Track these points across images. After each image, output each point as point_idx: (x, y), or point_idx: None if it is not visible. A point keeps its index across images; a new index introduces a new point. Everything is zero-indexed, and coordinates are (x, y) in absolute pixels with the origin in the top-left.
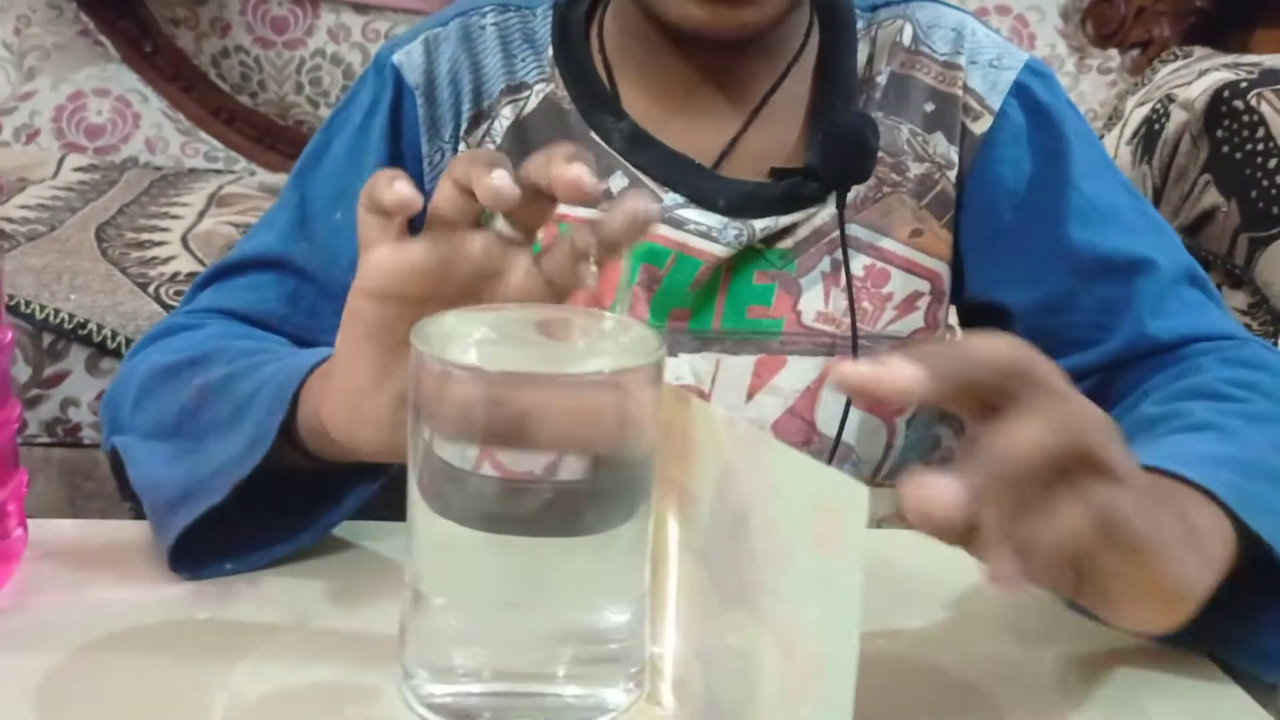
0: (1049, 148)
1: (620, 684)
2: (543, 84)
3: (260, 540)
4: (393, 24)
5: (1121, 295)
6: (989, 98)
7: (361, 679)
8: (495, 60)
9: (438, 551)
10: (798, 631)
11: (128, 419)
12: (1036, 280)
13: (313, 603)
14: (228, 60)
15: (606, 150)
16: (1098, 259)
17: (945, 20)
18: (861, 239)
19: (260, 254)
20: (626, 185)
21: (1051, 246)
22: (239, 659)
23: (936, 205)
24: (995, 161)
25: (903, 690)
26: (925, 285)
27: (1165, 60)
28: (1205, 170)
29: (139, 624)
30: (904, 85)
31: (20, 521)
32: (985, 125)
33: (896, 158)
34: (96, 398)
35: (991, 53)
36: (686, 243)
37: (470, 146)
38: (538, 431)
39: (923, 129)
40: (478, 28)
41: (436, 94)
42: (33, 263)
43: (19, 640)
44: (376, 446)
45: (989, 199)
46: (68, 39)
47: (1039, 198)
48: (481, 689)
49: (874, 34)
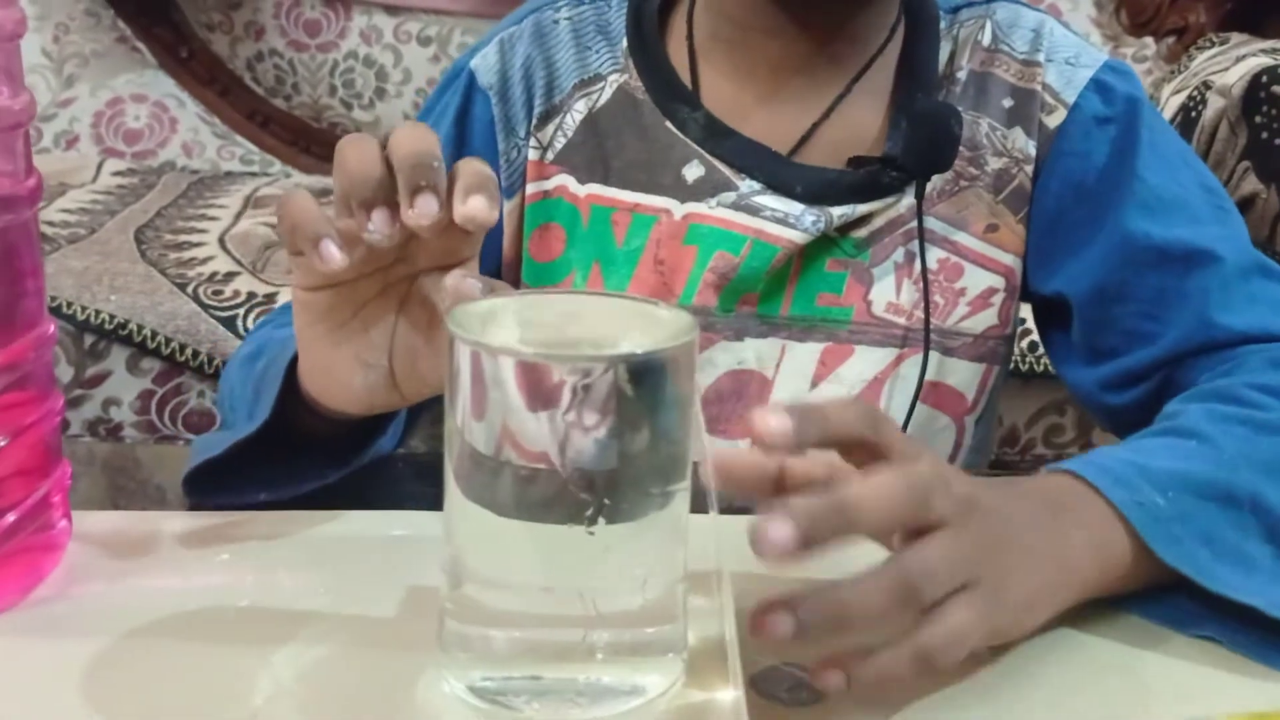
0: (1120, 140)
1: (658, 668)
2: (617, 74)
3: (294, 477)
4: (424, 25)
5: (1177, 286)
6: (1064, 92)
7: (400, 663)
8: (568, 55)
9: (474, 537)
10: None
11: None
12: (1093, 269)
13: (351, 589)
14: (262, 64)
15: (682, 139)
16: (1153, 248)
17: (1025, 20)
18: (937, 232)
19: None
20: (702, 174)
21: (1109, 234)
22: (279, 644)
23: (1013, 200)
24: (1066, 154)
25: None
26: (1000, 281)
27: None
28: (1244, 157)
29: (180, 611)
30: (983, 81)
31: (64, 513)
32: (1059, 119)
33: (975, 151)
34: (137, 397)
35: (1070, 51)
36: (763, 229)
37: (540, 143)
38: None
39: (1002, 124)
40: (550, 22)
41: (510, 92)
42: (74, 265)
43: (64, 628)
44: (353, 406)
45: (1057, 189)
46: (105, 46)
47: (1103, 187)
48: (519, 672)
49: (956, 33)
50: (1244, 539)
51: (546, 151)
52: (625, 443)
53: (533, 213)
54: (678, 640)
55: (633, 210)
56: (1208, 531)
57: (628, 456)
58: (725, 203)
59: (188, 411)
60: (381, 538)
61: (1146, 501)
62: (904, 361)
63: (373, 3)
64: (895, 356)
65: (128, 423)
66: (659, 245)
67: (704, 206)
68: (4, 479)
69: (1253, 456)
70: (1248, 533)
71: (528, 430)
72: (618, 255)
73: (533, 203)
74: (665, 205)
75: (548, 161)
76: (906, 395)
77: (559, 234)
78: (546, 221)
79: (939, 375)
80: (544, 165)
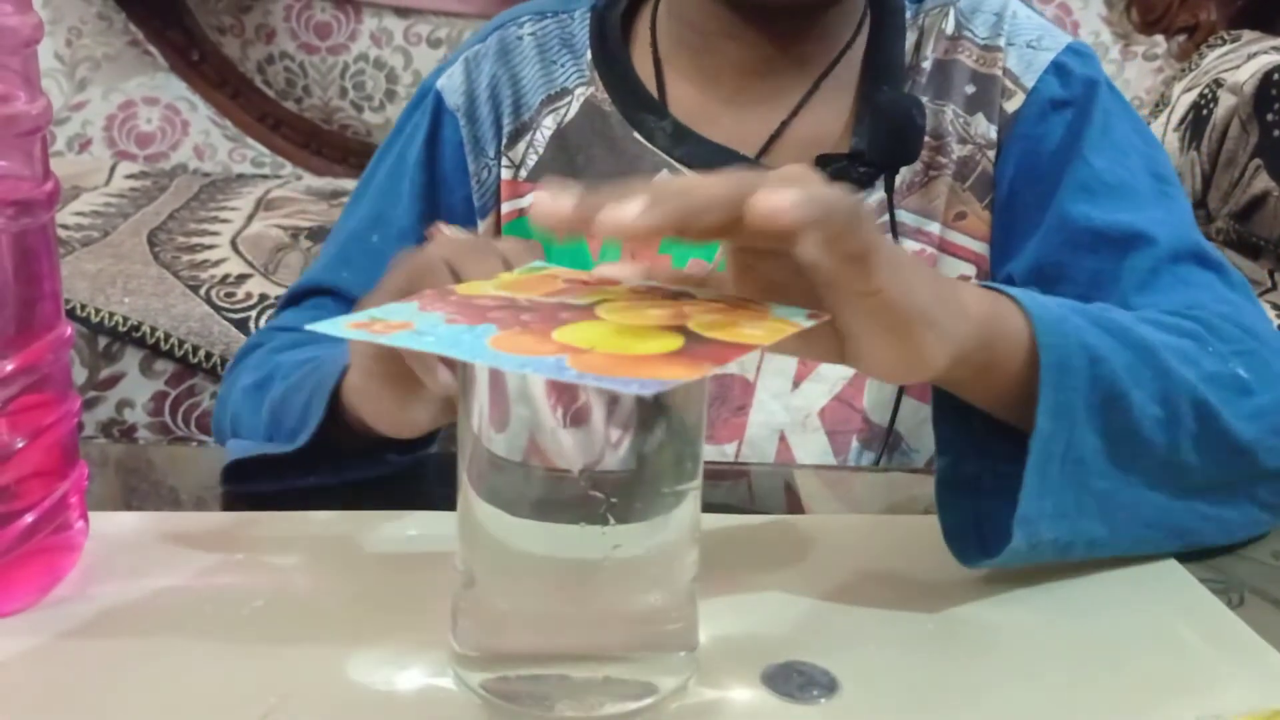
0: (1073, 123)
1: (670, 666)
2: (583, 88)
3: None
4: (434, 27)
5: (1112, 270)
6: (1024, 77)
7: (414, 663)
8: (534, 70)
9: (488, 538)
10: None
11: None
12: (1033, 249)
13: (365, 589)
14: (273, 67)
15: (650, 149)
16: (1091, 230)
17: (987, 4)
18: (909, 224)
19: (315, 284)
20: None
21: (1051, 216)
22: (293, 644)
23: (978, 187)
24: (1020, 138)
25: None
26: (971, 269)
27: (1212, 45)
28: (1256, 155)
29: (196, 611)
30: (946, 69)
31: (82, 514)
32: (1018, 103)
33: (940, 140)
34: (150, 398)
35: (1032, 34)
36: None
37: (513, 161)
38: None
39: (965, 111)
40: (515, 39)
41: (477, 112)
42: (87, 268)
43: (81, 628)
44: (410, 433)
45: (1012, 175)
46: (117, 49)
47: (1051, 169)
48: (533, 671)
49: (921, 22)
50: (1128, 381)
51: (519, 170)
52: (641, 444)
53: (509, 231)
54: (690, 638)
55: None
56: (1092, 352)
57: (643, 457)
58: None
59: (201, 413)
60: (396, 538)
61: (1046, 305)
62: None
63: (383, 5)
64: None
65: (141, 424)
66: (634, 256)
67: None
68: (22, 480)
69: (1138, 325)
70: (1131, 375)
71: (545, 435)
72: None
73: (508, 221)
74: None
75: (521, 180)
76: (891, 389)
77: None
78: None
79: None
80: (518, 184)
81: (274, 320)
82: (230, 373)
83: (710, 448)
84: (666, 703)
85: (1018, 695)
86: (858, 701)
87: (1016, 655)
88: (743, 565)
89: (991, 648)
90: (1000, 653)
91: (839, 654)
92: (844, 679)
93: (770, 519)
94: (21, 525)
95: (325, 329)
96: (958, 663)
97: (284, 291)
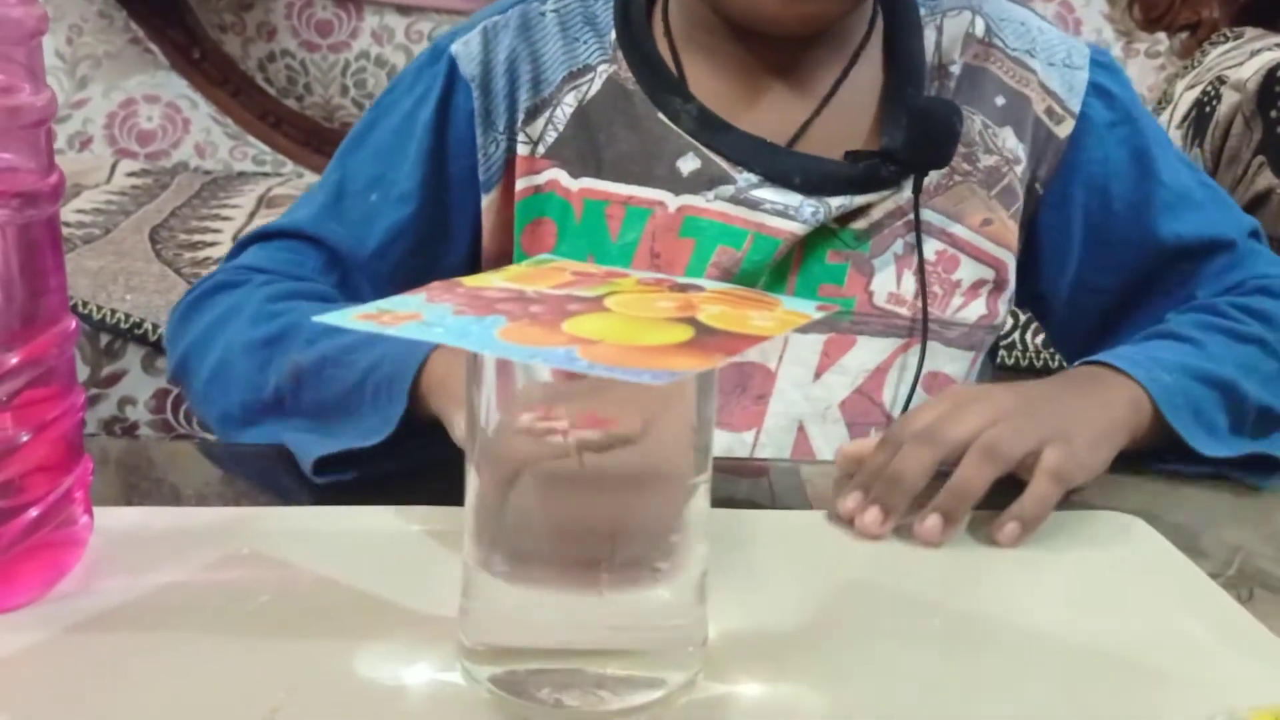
0: (1132, 142)
1: (678, 661)
2: (606, 65)
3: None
4: (436, 24)
5: (1194, 270)
6: (1069, 100)
7: (422, 657)
8: (556, 47)
9: (497, 532)
10: None
11: (211, 388)
12: (1125, 268)
13: (371, 583)
14: (274, 64)
15: (675, 131)
16: (1179, 246)
17: (1012, 14)
18: (934, 224)
19: (295, 227)
20: (698, 166)
21: (1145, 238)
22: (299, 638)
23: (1004, 197)
24: (1085, 162)
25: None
26: (990, 274)
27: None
28: (1259, 152)
29: (201, 606)
30: (978, 77)
31: (86, 509)
32: (1069, 129)
33: (969, 147)
34: (152, 396)
35: (1061, 50)
36: (764, 222)
37: (530, 137)
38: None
39: (994, 122)
40: (537, 14)
41: (492, 85)
42: (89, 265)
43: (86, 623)
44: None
45: (1084, 199)
46: (118, 47)
47: (1129, 191)
48: (540, 665)
49: (940, 23)
50: (1216, 413)
51: (537, 146)
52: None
53: (524, 208)
54: (698, 633)
55: (626, 203)
56: (1195, 405)
57: (643, 457)
58: (724, 196)
59: None
60: (401, 532)
61: (1158, 379)
62: (906, 351)
63: (384, 3)
64: (898, 346)
65: (143, 422)
66: (654, 238)
67: (701, 200)
68: (27, 474)
69: (1227, 356)
70: (1218, 408)
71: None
72: (613, 249)
73: (524, 198)
74: (659, 197)
75: (538, 156)
76: (908, 384)
77: (550, 229)
78: (539, 217)
79: (936, 364)
80: (535, 160)
81: (241, 258)
82: (194, 306)
83: (729, 435)
84: (675, 697)
85: (1029, 693)
86: (866, 698)
87: (1027, 652)
88: (752, 560)
89: (1000, 646)
90: (1010, 651)
91: (846, 650)
92: (851, 675)
93: (780, 514)
94: (26, 520)
95: (333, 320)
96: (968, 659)
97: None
